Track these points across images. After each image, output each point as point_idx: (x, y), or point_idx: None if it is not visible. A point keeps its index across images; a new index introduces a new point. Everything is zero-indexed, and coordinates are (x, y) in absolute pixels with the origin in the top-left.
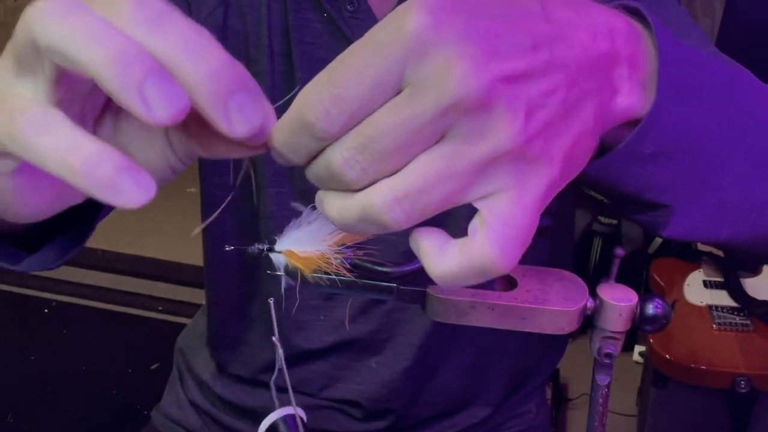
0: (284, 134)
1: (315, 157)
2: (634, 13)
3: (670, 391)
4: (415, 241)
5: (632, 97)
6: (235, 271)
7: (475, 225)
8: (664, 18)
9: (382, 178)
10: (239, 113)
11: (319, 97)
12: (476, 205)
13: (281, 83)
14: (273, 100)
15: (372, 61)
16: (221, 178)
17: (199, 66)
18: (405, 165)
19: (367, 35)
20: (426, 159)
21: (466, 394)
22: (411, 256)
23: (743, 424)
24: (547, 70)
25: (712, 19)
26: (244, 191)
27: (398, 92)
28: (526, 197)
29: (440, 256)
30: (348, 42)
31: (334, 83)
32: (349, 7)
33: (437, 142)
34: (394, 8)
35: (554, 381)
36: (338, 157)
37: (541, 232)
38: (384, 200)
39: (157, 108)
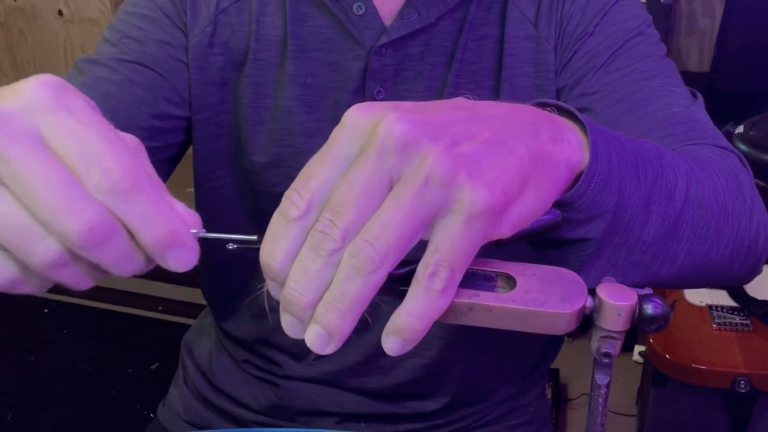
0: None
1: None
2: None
3: (670, 391)
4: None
5: (570, 145)
6: (235, 264)
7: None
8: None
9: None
10: (175, 261)
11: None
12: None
13: (271, 90)
14: (258, 106)
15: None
16: (217, 182)
17: (149, 234)
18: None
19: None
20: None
21: (472, 388)
22: (410, 257)
23: (743, 424)
24: (469, 121)
25: (712, 19)
26: (242, 191)
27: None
28: (459, 219)
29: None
30: (357, 43)
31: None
32: (356, 10)
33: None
34: (399, 9)
35: (554, 381)
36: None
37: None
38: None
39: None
